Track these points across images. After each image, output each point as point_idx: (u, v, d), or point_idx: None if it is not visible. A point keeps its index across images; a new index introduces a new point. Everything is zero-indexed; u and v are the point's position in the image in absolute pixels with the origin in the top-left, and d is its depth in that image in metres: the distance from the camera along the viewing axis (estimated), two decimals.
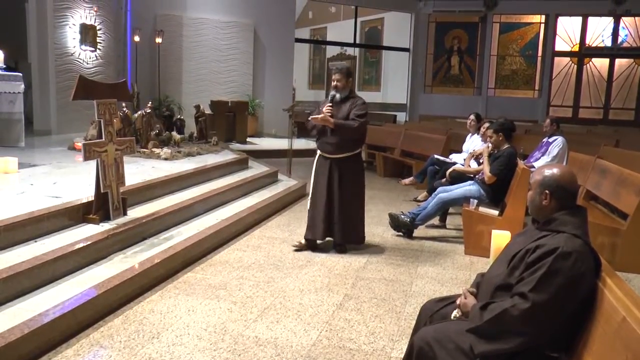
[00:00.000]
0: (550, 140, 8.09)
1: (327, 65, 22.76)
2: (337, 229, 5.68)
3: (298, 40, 18.15)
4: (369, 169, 12.44)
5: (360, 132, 5.52)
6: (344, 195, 5.61)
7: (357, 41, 20.39)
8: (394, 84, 20.89)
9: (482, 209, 6.16)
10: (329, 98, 5.67)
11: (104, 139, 5.25)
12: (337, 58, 21.93)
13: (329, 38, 22.81)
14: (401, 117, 19.48)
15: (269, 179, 9.05)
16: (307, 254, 5.77)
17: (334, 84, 5.67)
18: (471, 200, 6.33)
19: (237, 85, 16.19)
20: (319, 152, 5.74)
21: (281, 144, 13.45)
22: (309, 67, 24.50)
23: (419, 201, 8.39)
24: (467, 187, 6.50)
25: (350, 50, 21.29)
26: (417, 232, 6.72)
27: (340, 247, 5.78)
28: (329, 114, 5.55)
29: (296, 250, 5.83)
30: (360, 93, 6.07)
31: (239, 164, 9.21)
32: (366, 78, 22.47)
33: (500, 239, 5.04)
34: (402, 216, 6.63)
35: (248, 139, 14.61)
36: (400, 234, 6.68)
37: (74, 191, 5.70)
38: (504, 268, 2.58)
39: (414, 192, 9.46)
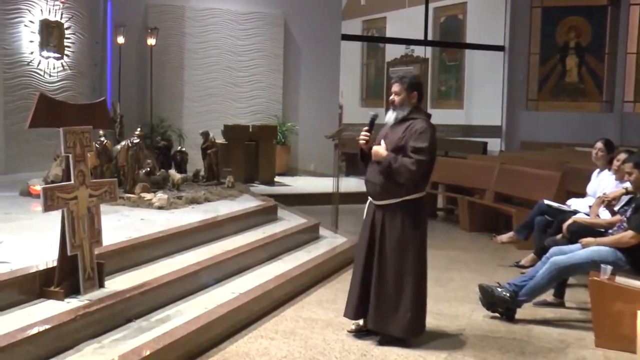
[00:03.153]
0: None
1: (386, 73, 22.92)
2: (370, 309, 5.60)
3: (346, 37, 18.39)
4: (449, 220, 12.25)
5: (420, 174, 5.45)
6: (382, 259, 5.52)
7: (429, 37, 20.54)
8: (483, 97, 20.83)
9: (619, 280, 5.98)
10: (369, 120, 5.74)
11: (73, 181, 5.32)
12: (401, 62, 22.09)
13: (389, 33, 23.05)
14: (494, 145, 19.33)
15: (307, 236, 9.02)
16: (364, 342, 5.68)
17: (390, 98, 5.68)
18: (602, 266, 6.14)
19: (261, 102, 16.46)
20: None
21: (323, 185, 13.46)
22: (361, 76, 24.73)
23: (524, 267, 8.26)
24: (596, 247, 6.35)
25: (419, 50, 21.43)
26: (520, 313, 6.56)
27: (382, 338, 5.68)
28: (365, 139, 5.63)
29: (351, 332, 5.82)
30: (434, 112, 6.04)
31: (265, 214, 9.23)
32: (442, 90, 22.47)
33: None
34: (499, 289, 6.49)
35: (277, 179, 14.73)
36: (497, 315, 6.54)
37: (29, 254, 5.75)
38: None
39: (515, 253, 9.31)
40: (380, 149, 5.52)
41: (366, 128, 5.65)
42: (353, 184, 14.45)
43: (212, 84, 16.15)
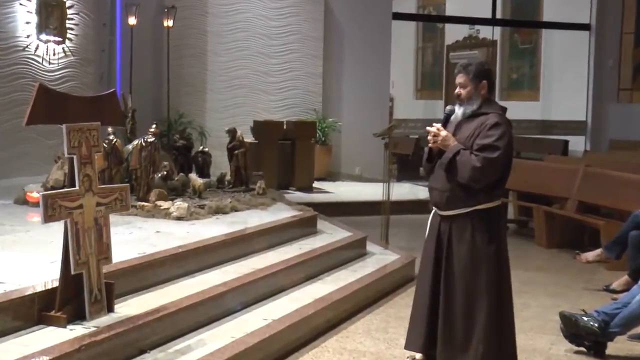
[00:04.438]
0: None
1: (446, 59, 22.83)
2: (439, 340, 5.54)
3: (398, 16, 18.35)
4: (522, 234, 12.14)
5: (488, 175, 5.39)
6: (450, 280, 5.47)
7: (498, 15, 20.39)
8: (564, 87, 20.63)
9: None
10: (444, 116, 5.65)
11: (77, 187, 5.35)
12: (464, 45, 22.00)
13: (449, 11, 22.93)
14: (577, 144, 19.10)
15: (352, 252, 9.01)
16: None
17: (456, 91, 5.61)
18: None
19: (297, 94, 16.52)
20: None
21: (371, 192, 13.44)
22: (416, 62, 24.66)
23: (615, 292, 8.18)
24: None
25: (485, 32, 21.29)
26: (612, 347, 6.47)
27: None
28: (440, 134, 5.53)
29: None
30: (503, 104, 5.93)
31: (302, 227, 9.24)
32: (514, 78, 22.32)
33: None
34: (585, 318, 6.40)
35: (315, 184, 14.75)
36: (582, 349, 6.46)
37: (26, 273, 5.79)
38: None
39: (605, 275, 9.20)
40: (449, 137, 5.44)
41: (438, 125, 5.56)
42: (406, 191, 14.48)
43: (239, 73, 16.23)
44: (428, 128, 5.52)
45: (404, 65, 23.21)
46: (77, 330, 5.13)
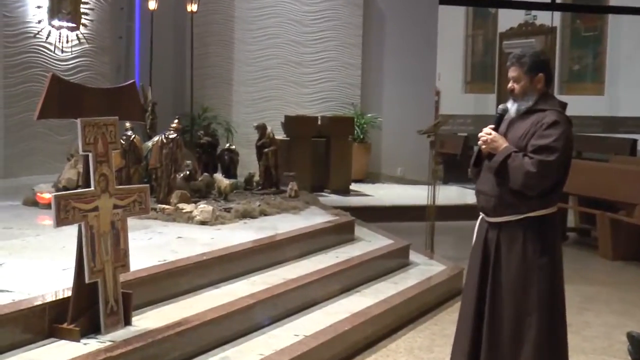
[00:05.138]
0: None
1: (499, 48, 22.70)
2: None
3: (445, 0, 18.28)
4: (583, 244, 12.05)
5: (544, 181, 5.34)
6: (497, 294, 5.42)
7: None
8: (632, 79, 20.42)
9: None
10: (496, 116, 5.59)
11: (92, 188, 5.39)
12: (519, 33, 21.86)
13: None
14: None
15: (393, 262, 9.00)
16: None
17: (509, 86, 5.56)
18: None
19: (333, 87, 16.52)
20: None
21: (414, 195, 13.44)
22: (465, 52, 24.55)
23: None
24: None
25: (543, 17, 21.15)
26: None
27: None
28: (488, 136, 5.45)
29: None
30: (563, 99, 5.86)
31: (338, 233, 9.25)
32: (575, 70, 22.14)
33: None
34: None
35: (353, 186, 14.74)
36: None
37: (36, 281, 5.84)
38: None
39: None
40: (498, 137, 5.38)
41: (491, 125, 5.50)
42: (453, 195, 14.43)
43: (269, 63, 16.26)
44: (479, 134, 5.46)
45: (451, 55, 23.12)
46: (91, 345, 5.16)
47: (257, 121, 12.30)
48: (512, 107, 5.44)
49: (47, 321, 5.27)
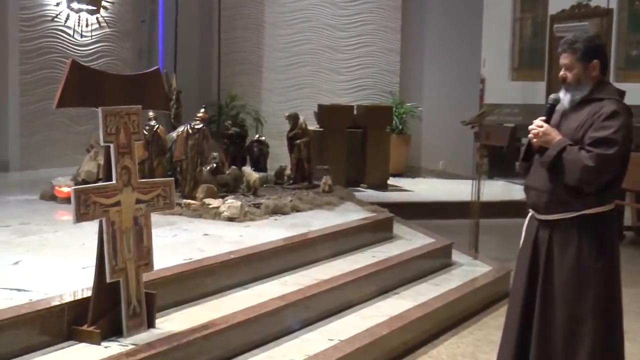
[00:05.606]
0: None
1: (549, 32, 22.54)
2: None
3: None
4: None
5: (603, 176, 5.29)
6: (548, 298, 5.38)
7: None
8: None
9: None
10: (547, 107, 5.53)
11: (114, 181, 5.42)
12: (572, 15, 21.69)
13: None
14: None
15: (434, 262, 8.99)
16: None
17: (560, 74, 5.52)
18: None
19: (370, 74, 16.51)
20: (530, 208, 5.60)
21: (457, 190, 13.41)
22: (512, 36, 24.38)
23: None
24: None
25: None
26: None
27: None
28: (539, 129, 5.39)
29: None
30: (621, 87, 5.79)
31: (375, 231, 9.25)
32: (633, 55, 21.93)
33: None
34: None
35: (391, 181, 14.73)
36: None
37: (54, 280, 5.89)
38: None
39: None
40: (551, 130, 5.32)
41: (542, 117, 5.45)
42: (499, 190, 14.36)
43: (302, 48, 16.26)
44: (530, 127, 5.40)
45: (497, 40, 22.95)
46: (112, 348, 5.19)
47: (289, 110, 12.29)
48: (564, 97, 5.35)
49: (66, 323, 5.30)
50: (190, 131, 9.46)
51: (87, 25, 13.03)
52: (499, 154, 17.88)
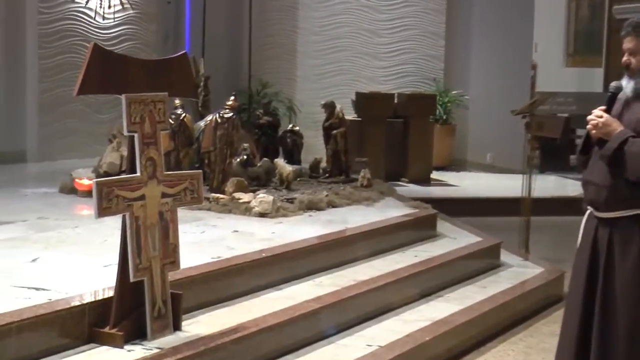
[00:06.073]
0: None
1: (608, 14, 22.40)
2: None
3: None
4: None
5: None
6: (608, 302, 5.35)
7: None
8: None
9: None
10: (608, 95, 5.48)
11: (138, 173, 5.44)
12: None
13: None
14: None
15: (481, 263, 8.97)
16: None
17: (623, 59, 5.47)
18: None
19: (412, 59, 16.46)
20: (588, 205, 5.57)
21: (506, 185, 13.37)
22: (567, 19, 24.27)
23: None
24: None
25: None
26: None
27: None
28: (599, 119, 5.33)
29: None
30: None
31: (417, 229, 9.25)
32: None
33: None
34: None
35: (434, 175, 14.70)
36: None
37: (74, 279, 5.94)
38: None
39: None
40: (612, 120, 5.27)
41: (602, 107, 5.40)
42: (552, 185, 14.28)
43: (339, 32, 16.23)
44: (588, 117, 5.36)
45: (551, 23, 22.86)
46: (136, 352, 5.22)
47: (324, 99, 12.30)
48: (627, 84, 5.30)
49: (87, 324, 5.33)
50: (219, 120, 9.46)
51: (109, 7, 13.06)
52: (551, 146, 17.78)
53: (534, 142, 10.44)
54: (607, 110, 5.25)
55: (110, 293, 5.47)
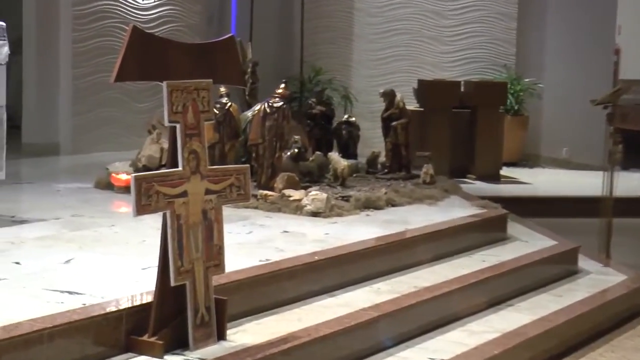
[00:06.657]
0: None
1: None
2: None
3: None
4: None
5: None
6: None
7: None
8: None
9: None
10: None
11: (180, 168, 5.47)
12: None
13: None
14: None
15: (557, 268, 8.93)
16: None
17: None
18: None
19: (480, 43, 16.41)
20: None
21: (584, 183, 13.31)
22: None
23: None
24: None
25: None
26: None
27: None
28: None
29: None
30: None
31: (485, 231, 9.26)
32: None
33: None
34: None
35: (504, 171, 14.63)
36: None
37: (110, 282, 6.00)
38: None
39: None
40: None
41: None
42: (637, 184, 14.14)
43: (399, 13, 16.22)
44: None
45: (636, 2, 22.69)
46: None
47: (383, 87, 12.29)
48: None
49: (124, 332, 5.36)
50: (267, 110, 9.50)
51: None
52: (636, 140, 17.63)
53: (617, 136, 10.37)
54: None
55: (150, 298, 5.50)
